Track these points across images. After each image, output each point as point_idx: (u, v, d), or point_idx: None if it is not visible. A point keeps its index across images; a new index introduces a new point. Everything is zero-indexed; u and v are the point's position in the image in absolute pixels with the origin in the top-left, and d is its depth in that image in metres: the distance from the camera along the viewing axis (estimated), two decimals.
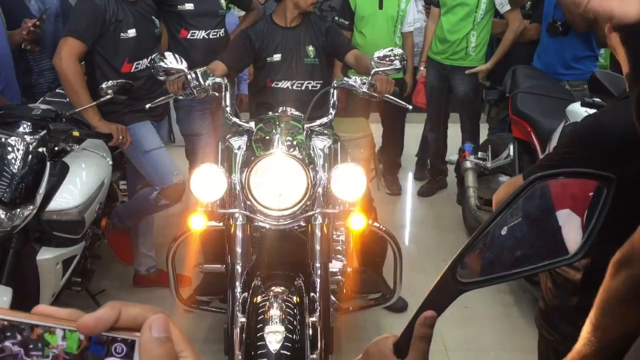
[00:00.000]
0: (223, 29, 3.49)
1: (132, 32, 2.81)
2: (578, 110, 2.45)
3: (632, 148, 1.18)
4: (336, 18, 3.98)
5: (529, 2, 4.02)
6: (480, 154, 3.47)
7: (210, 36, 3.39)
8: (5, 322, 0.40)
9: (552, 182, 0.79)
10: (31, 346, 0.40)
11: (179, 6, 3.30)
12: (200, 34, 3.37)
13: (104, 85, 2.58)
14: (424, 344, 0.71)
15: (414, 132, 4.77)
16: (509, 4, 3.75)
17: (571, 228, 0.78)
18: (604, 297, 1.10)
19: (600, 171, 0.80)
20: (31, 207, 2.24)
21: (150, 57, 2.83)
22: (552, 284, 1.76)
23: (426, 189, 4.47)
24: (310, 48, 2.92)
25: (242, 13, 4.01)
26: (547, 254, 0.74)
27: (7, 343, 0.40)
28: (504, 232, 0.71)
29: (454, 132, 4.47)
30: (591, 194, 0.79)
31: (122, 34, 2.79)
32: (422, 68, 4.18)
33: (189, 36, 3.34)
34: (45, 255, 2.35)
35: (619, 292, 1.03)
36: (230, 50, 2.97)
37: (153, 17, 2.96)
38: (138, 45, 2.85)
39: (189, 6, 3.31)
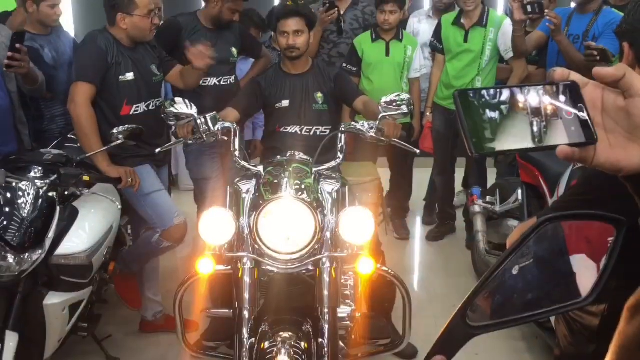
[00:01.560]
0: (234, 76, 3.56)
1: (130, 75, 2.87)
2: None
3: None
4: (344, 65, 4.04)
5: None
6: (488, 198, 3.46)
7: (222, 83, 3.46)
8: None
9: (565, 225, 0.79)
10: None
11: None
12: (212, 81, 3.44)
13: (115, 131, 2.62)
14: None
15: (421, 176, 4.78)
16: (513, 53, 3.81)
17: (586, 273, 0.77)
18: (620, 343, 1.07)
19: (614, 214, 0.79)
20: (40, 251, 2.25)
21: (148, 102, 2.90)
22: (568, 330, 1.73)
23: (435, 234, 4.44)
24: (319, 94, 2.96)
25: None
26: (558, 298, 0.73)
27: None
28: (515, 271, 0.70)
29: (457, 176, 4.51)
30: (610, 239, 0.79)
31: (120, 77, 2.84)
32: (428, 114, 4.22)
33: (201, 83, 3.40)
34: (53, 300, 2.34)
35: (635, 337, 1.01)
36: (241, 97, 3.04)
37: (152, 66, 3.01)
38: (136, 89, 2.90)
39: None
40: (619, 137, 0.63)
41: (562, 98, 0.62)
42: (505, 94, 0.62)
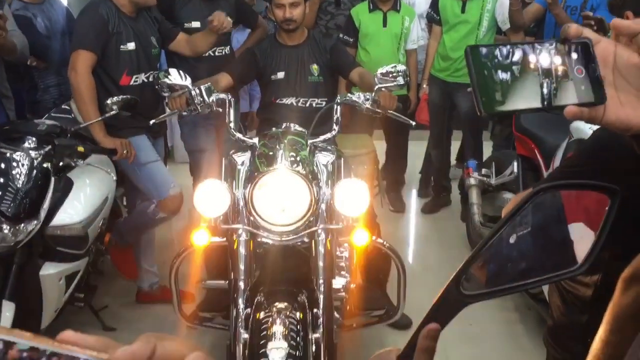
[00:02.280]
0: (228, 47, 3.51)
1: (131, 45, 2.84)
2: (582, 127, 2.45)
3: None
4: (340, 35, 4.01)
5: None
6: (484, 171, 3.47)
7: (216, 53, 3.42)
8: (25, 354, 0.38)
9: (565, 194, 0.79)
10: None
11: (185, 24, 3.33)
12: (207, 52, 3.39)
13: (109, 101, 2.60)
14: (427, 356, 0.71)
15: (417, 149, 4.78)
16: (510, 26, 3.77)
17: (584, 242, 0.78)
18: (614, 314, 1.08)
19: (609, 184, 0.79)
20: (35, 222, 2.25)
21: (147, 73, 2.87)
22: (561, 301, 1.74)
23: (429, 206, 4.45)
24: (314, 66, 2.94)
25: None
26: (553, 266, 0.73)
27: None
28: (512, 240, 0.70)
29: (453, 149, 4.50)
30: (607, 208, 0.79)
31: (121, 46, 2.81)
32: (424, 86, 4.19)
33: None
34: (49, 270, 2.35)
35: (629, 308, 1.02)
36: (235, 64, 3.03)
37: (152, 37, 2.98)
38: (137, 59, 2.87)
39: (196, 24, 3.34)
40: (629, 95, 0.62)
41: (573, 56, 0.62)
42: (518, 54, 0.61)
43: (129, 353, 0.39)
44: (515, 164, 3.13)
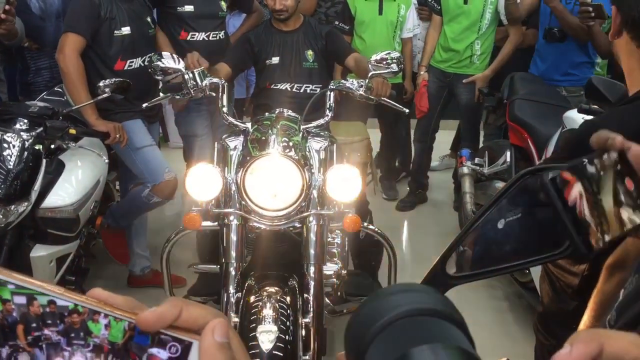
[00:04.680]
0: (223, 31, 3.49)
1: (126, 30, 2.82)
2: (575, 117, 2.46)
3: None
4: (336, 23, 3.99)
5: None
6: (477, 160, 3.47)
7: (210, 38, 3.40)
8: (47, 309, 0.38)
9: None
10: (73, 335, 0.38)
11: (178, 8, 3.31)
12: (200, 36, 3.37)
13: (101, 84, 2.58)
14: None
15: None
16: (507, 20, 3.76)
17: None
18: (598, 300, 1.10)
19: None
20: (26, 203, 2.24)
21: (144, 57, 2.86)
22: (551, 289, 1.76)
23: (404, 204, 4.36)
24: (310, 52, 2.93)
25: None
26: (538, 249, 0.74)
27: (47, 331, 0.38)
28: (500, 225, 0.71)
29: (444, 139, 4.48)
30: None
31: (115, 31, 2.80)
32: (422, 72, 4.11)
33: (188, 38, 3.34)
34: (39, 252, 2.35)
35: (612, 295, 1.03)
36: (231, 52, 3.02)
37: (148, 18, 2.97)
38: (131, 43, 2.86)
39: (189, 8, 3.32)
40: None
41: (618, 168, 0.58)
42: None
43: (157, 314, 0.40)
44: (508, 153, 3.14)
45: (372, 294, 0.43)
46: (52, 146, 2.47)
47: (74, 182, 2.46)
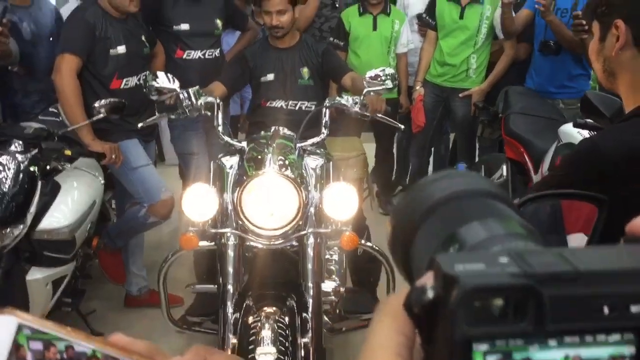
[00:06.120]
0: (219, 49, 3.50)
1: (121, 49, 2.83)
2: (570, 131, 2.46)
3: (628, 170, 1.18)
4: (331, 39, 4.00)
5: None
6: None
7: (206, 56, 3.41)
8: (65, 355, 0.37)
9: (564, 204, 0.78)
10: None
11: (174, 26, 3.32)
12: (196, 54, 3.39)
13: (97, 104, 2.58)
14: None
15: None
16: (503, 35, 3.77)
17: None
18: None
19: (597, 194, 0.79)
20: (21, 226, 2.23)
21: (139, 75, 2.86)
22: None
23: None
24: (305, 70, 2.93)
25: None
26: None
27: None
28: None
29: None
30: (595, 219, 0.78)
31: (111, 50, 2.80)
32: (417, 87, 4.11)
33: (184, 56, 3.36)
34: (35, 275, 2.33)
35: None
36: (227, 71, 3.02)
37: (143, 37, 2.98)
38: (127, 62, 2.86)
39: (185, 26, 3.34)
40: None
41: None
42: None
43: None
44: (504, 167, 3.13)
45: (413, 184, 0.41)
46: (48, 167, 2.46)
47: (70, 204, 2.45)
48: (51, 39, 3.14)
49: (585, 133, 2.32)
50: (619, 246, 0.33)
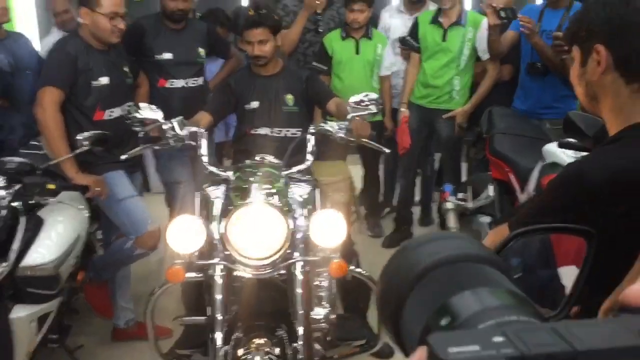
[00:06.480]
0: (202, 78, 3.51)
1: (104, 80, 2.81)
2: (555, 150, 2.47)
3: (613, 194, 1.18)
4: (314, 63, 4.02)
5: None
6: (460, 195, 3.47)
7: (189, 84, 3.41)
8: None
9: (554, 235, 0.77)
10: None
11: (156, 56, 3.33)
12: (179, 83, 3.39)
13: (80, 137, 2.56)
14: None
15: None
16: (490, 56, 3.81)
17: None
18: None
19: (586, 220, 0.78)
20: (4, 264, 2.19)
21: (123, 106, 2.85)
22: None
23: (389, 240, 4.31)
24: (289, 96, 2.94)
25: None
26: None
27: None
28: None
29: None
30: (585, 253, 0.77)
31: (93, 82, 2.79)
32: (402, 109, 4.11)
33: (167, 85, 3.36)
34: (19, 313, 2.28)
35: None
36: (212, 100, 3.03)
37: (125, 67, 2.97)
38: (110, 93, 2.85)
39: (167, 56, 3.34)
40: None
41: None
42: None
43: None
44: (490, 187, 3.14)
45: (401, 246, 0.39)
46: (31, 202, 2.42)
47: (54, 239, 2.41)
48: (29, 71, 3.13)
49: (570, 152, 2.33)
50: (614, 320, 0.32)
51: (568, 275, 0.75)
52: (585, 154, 1.97)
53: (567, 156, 2.35)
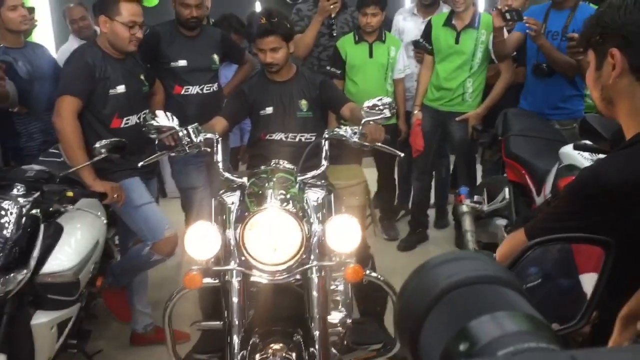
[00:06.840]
0: (216, 84, 3.54)
1: (121, 88, 2.85)
2: (571, 153, 2.46)
3: (631, 198, 1.17)
4: (327, 67, 4.03)
5: None
6: (476, 198, 3.46)
7: (204, 91, 3.44)
8: None
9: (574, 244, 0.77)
10: None
11: (172, 63, 3.37)
12: (194, 90, 3.42)
13: (97, 145, 2.59)
14: None
15: None
16: (495, 58, 3.80)
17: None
18: None
19: (602, 225, 0.78)
20: (25, 271, 2.22)
21: (139, 114, 2.88)
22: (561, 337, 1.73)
23: (405, 243, 4.33)
24: (303, 102, 2.95)
25: None
26: (554, 319, 0.72)
27: None
28: None
29: None
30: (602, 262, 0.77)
31: (111, 90, 2.82)
32: (416, 112, 4.11)
33: (183, 92, 3.39)
34: (40, 319, 2.31)
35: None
36: (227, 106, 3.06)
37: (142, 75, 3.00)
38: (127, 101, 2.88)
39: (182, 63, 3.38)
40: None
41: None
42: None
43: None
44: (506, 190, 3.13)
45: (419, 266, 0.39)
46: (50, 210, 2.45)
47: (73, 245, 2.44)
48: (46, 79, 3.18)
49: (586, 154, 2.32)
50: (633, 348, 0.32)
51: (590, 282, 0.74)
52: (602, 156, 1.96)
53: (584, 158, 2.34)
